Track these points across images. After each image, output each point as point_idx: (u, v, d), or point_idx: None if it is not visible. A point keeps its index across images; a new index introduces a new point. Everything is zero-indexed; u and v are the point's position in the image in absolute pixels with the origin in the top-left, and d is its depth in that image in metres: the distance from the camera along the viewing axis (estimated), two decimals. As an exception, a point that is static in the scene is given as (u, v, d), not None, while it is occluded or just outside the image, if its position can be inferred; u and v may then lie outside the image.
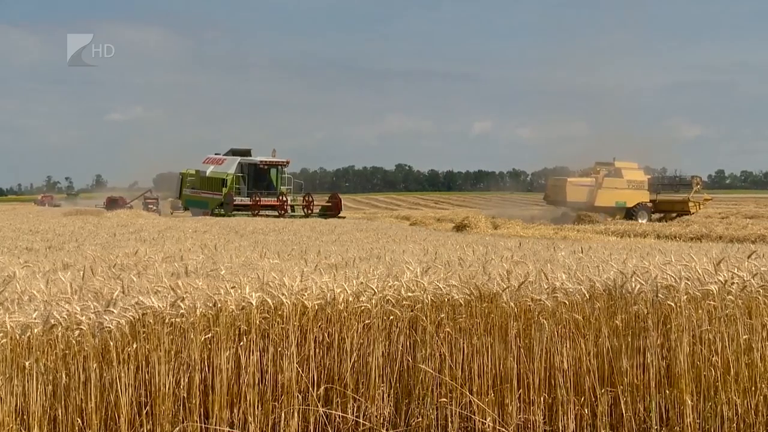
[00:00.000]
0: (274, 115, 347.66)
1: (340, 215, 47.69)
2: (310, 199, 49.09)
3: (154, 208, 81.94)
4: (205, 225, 26.31)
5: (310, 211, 47.67)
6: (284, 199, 48.24)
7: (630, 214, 46.41)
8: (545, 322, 7.03)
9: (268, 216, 43.75)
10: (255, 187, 49.02)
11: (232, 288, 6.80)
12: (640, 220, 44.18)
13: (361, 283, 7.23)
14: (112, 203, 78.45)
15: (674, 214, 47.12)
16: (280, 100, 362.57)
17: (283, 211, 46.63)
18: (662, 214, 47.42)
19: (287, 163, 49.93)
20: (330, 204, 49.06)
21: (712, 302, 7.01)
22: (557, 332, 7.09)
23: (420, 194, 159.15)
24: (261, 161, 49.07)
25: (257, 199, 47.56)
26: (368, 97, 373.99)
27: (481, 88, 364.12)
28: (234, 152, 50.75)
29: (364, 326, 6.98)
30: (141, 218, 38.50)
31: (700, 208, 47.78)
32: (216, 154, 51.76)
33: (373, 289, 7.08)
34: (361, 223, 33.78)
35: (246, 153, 50.47)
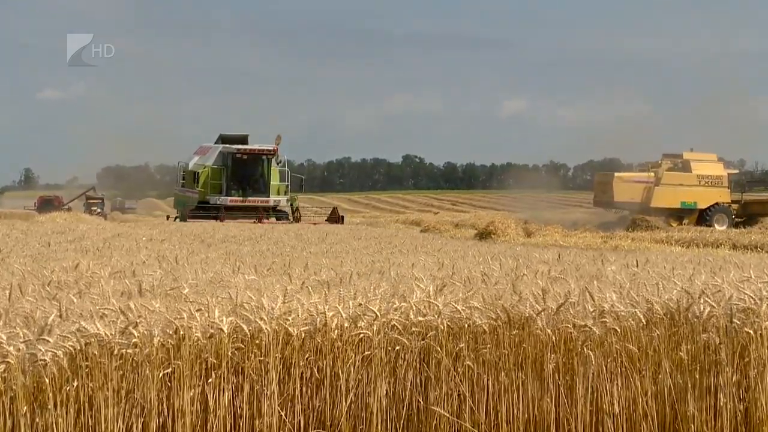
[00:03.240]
0: (246, 92, 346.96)
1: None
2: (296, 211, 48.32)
3: (99, 210, 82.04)
4: (162, 232, 26.33)
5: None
6: (268, 200, 47.67)
7: (703, 217, 46.17)
8: (591, 353, 7.04)
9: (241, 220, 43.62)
10: (238, 182, 48.35)
11: (197, 311, 6.82)
12: (717, 226, 43.78)
13: (360, 304, 7.25)
14: (46, 204, 78.49)
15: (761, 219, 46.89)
16: (252, 72, 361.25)
17: (260, 217, 45.92)
18: (746, 219, 47.11)
19: (274, 151, 48.80)
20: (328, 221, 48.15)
21: (801, 329, 7.02)
22: (606, 367, 7.11)
23: (433, 193, 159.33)
24: (239, 150, 48.33)
25: (218, 199, 47.12)
26: (368, 69, 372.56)
27: (512, 57, 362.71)
28: (223, 140, 49.73)
29: (363, 359, 6.99)
30: (82, 223, 38.49)
31: None
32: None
33: (375, 313, 7.10)
34: (360, 229, 33.78)
35: (239, 140, 49.44)
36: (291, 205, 48.61)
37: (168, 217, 54.72)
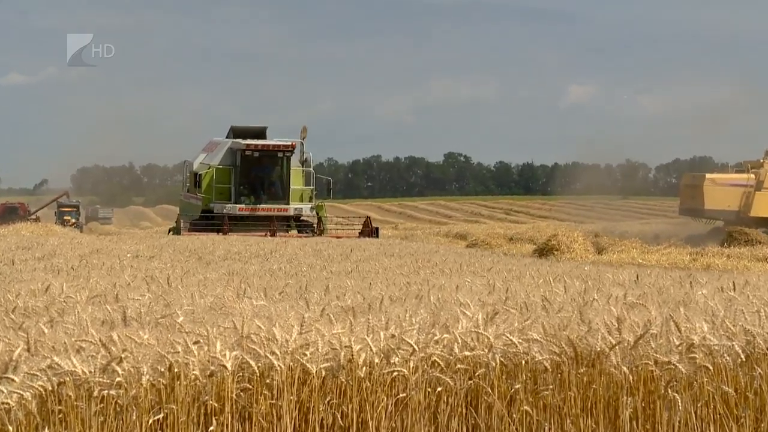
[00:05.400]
0: (256, 77, 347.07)
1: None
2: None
3: (74, 220, 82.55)
4: (152, 248, 26.44)
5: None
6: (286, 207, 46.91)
7: None
8: (677, 396, 7.03)
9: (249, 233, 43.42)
10: (250, 186, 47.49)
11: (194, 344, 6.85)
12: None
13: (393, 336, 7.27)
14: (9, 213, 78.98)
15: None
16: (263, 54, 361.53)
17: (272, 229, 45.34)
18: None
19: (292, 147, 47.65)
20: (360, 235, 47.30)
21: None
22: (695, 413, 7.09)
23: (482, 199, 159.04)
24: (249, 146, 47.42)
25: (224, 208, 46.39)
26: (401, 48, 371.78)
27: (580, 33, 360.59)
28: (235, 133, 48.74)
29: (397, 402, 7.01)
30: (53, 236, 38.72)
31: None
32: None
33: (412, 346, 7.12)
34: (393, 244, 33.77)
35: (255, 134, 48.38)
36: (317, 214, 47.67)
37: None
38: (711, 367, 7.18)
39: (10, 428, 6.20)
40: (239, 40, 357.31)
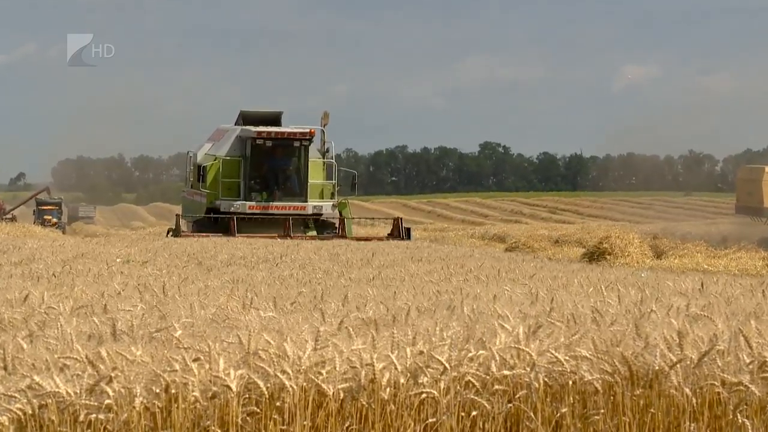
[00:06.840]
0: (263, 57, 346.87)
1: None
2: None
3: (55, 219, 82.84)
4: (145, 251, 26.49)
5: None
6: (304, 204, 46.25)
7: None
8: (747, 422, 7.03)
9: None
10: (262, 180, 46.87)
11: (194, 361, 6.88)
12: None
13: (421, 352, 7.28)
14: (-18, 212, 79.32)
15: None
16: (272, 30, 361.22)
17: (286, 231, 44.76)
18: None
19: (311, 135, 46.85)
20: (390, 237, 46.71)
21: None
22: (769, 441, 7.09)
23: (524, 196, 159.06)
24: (260, 134, 46.71)
25: (232, 206, 45.77)
26: (431, 22, 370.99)
27: (636, 4, 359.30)
28: (245, 119, 47.98)
29: (426, 428, 7.02)
30: (33, 238, 38.85)
31: None
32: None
33: (443, 364, 7.13)
34: (421, 247, 33.76)
35: (268, 120, 47.61)
36: (339, 213, 47.00)
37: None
38: (787, 389, 7.19)
39: (-15, 457, 6.24)
40: (243, 15, 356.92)
